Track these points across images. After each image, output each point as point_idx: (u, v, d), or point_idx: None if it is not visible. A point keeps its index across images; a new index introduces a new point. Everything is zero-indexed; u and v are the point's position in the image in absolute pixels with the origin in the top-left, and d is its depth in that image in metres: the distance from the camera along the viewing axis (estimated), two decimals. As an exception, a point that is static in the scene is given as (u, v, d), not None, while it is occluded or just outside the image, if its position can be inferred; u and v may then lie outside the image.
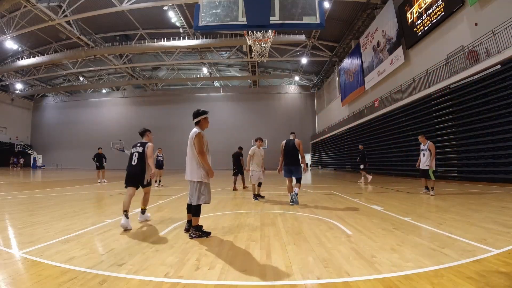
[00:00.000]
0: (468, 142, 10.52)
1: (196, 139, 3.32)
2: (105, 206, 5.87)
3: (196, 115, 3.52)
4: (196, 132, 3.35)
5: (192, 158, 3.37)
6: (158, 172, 10.74)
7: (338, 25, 22.31)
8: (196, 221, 3.35)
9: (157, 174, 10.67)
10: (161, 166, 10.89)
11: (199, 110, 3.55)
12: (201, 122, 3.50)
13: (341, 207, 5.38)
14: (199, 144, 3.30)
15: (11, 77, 31.40)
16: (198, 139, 3.31)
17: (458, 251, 2.63)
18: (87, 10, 19.86)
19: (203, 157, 3.30)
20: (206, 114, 3.55)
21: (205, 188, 3.35)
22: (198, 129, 3.43)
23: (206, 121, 3.56)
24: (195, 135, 3.35)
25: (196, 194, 3.33)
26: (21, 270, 2.30)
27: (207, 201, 3.36)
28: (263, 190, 7.50)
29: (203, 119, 3.51)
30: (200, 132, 3.36)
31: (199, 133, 3.35)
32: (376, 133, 17.93)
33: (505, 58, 8.80)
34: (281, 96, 37.64)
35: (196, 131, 3.39)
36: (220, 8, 3.23)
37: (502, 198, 6.20)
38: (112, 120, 38.63)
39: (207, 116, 3.57)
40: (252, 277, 2.13)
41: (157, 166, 10.69)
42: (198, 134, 3.33)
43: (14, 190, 8.89)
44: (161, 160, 10.98)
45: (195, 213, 3.34)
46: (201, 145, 3.30)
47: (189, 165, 3.39)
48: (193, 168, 3.35)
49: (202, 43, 23.53)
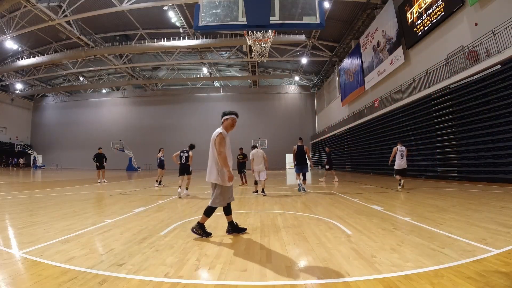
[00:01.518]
0: (468, 142, 10.51)
1: (217, 139, 3.27)
2: (105, 206, 5.87)
3: (222, 115, 3.48)
4: (218, 133, 3.30)
5: (212, 159, 3.34)
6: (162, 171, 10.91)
7: (338, 25, 22.30)
8: (203, 220, 3.33)
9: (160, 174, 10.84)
10: (162, 166, 10.96)
11: (228, 111, 3.49)
12: (225, 122, 3.44)
13: (341, 207, 5.38)
14: (219, 144, 3.25)
15: (11, 77, 31.40)
16: (219, 140, 3.26)
17: (458, 251, 2.63)
18: (87, 10, 19.86)
19: (222, 158, 3.23)
20: (233, 115, 3.46)
21: (218, 191, 3.31)
22: (221, 129, 3.37)
23: (232, 122, 3.45)
24: (216, 135, 3.30)
25: (212, 196, 3.34)
26: (21, 270, 2.30)
27: (219, 204, 3.32)
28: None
29: (225, 120, 3.44)
30: (221, 132, 3.30)
31: (221, 133, 3.29)
32: (376, 133, 17.92)
33: (505, 58, 8.80)
34: (281, 96, 37.65)
35: (218, 131, 3.34)
36: (220, 8, 3.23)
37: (502, 198, 6.19)
38: (112, 120, 38.63)
39: (234, 117, 3.46)
40: (252, 277, 2.13)
41: (159, 166, 10.87)
42: (220, 135, 3.28)
43: (14, 190, 8.90)
44: (163, 160, 11.08)
45: (206, 213, 3.32)
46: (221, 146, 3.24)
47: (209, 166, 3.36)
48: (212, 169, 3.32)
49: (202, 43, 23.53)
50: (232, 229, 3.46)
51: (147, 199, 6.78)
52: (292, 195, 7.49)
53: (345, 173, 20.61)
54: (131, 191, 8.82)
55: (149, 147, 36.14)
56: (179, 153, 7.97)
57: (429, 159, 12.85)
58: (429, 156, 12.89)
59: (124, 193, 8.34)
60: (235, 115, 3.49)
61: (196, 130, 36.36)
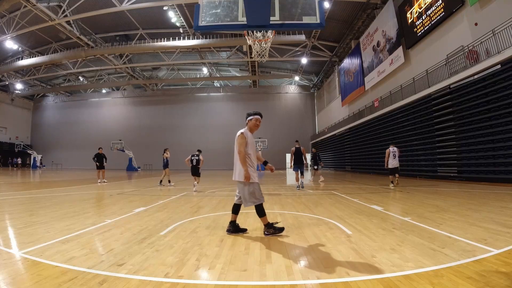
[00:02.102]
0: (468, 142, 10.52)
1: (238, 139, 3.34)
2: (105, 206, 5.87)
3: (247, 116, 3.54)
4: (240, 133, 3.37)
5: (235, 158, 3.41)
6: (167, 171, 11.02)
7: (338, 25, 22.31)
8: (264, 220, 3.36)
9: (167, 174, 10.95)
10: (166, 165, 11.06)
11: (251, 111, 3.56)
12: (250, 123, 3.50)
13: (341, 207, 5.38)
14: (239, 144, 3.32)
15: (11, 77, 31.40)
16: (240, 139, 3.33)
17: (458, 251, 2.63)
18: (87, 10, 19.87)
19: (242, 158, 3.30)
20: (257, 115, 3.51)
21: (253, 188, 3.32)
22: (244, 129, 3.44)
23: (256, 122, 3.50)
24: (238, 135, 3.37)
25: (242, 196, 3.36)
26: (21, 270, 2.30)
27: (257, 202, 3.33)
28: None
29: (250, 120, 3.49)
30: (243, 132, 3.37)
31: (242, 133, 3.36)
32: (376, 133, 17.93)
33: (505, 58, 8.80)
34: (281, 96, 37.66)
35: (240, 131, 3.40)
36: (220, 8, 3.23)
37: (502, 198, 6.19)
38: (112, 120, 38.65)
39: (258, 117, 3.51)
40: (252, 277, 2.13)
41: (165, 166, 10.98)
42: (241, 135, 3.35)
43: (14, 190, 8.90)
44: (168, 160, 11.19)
45: (258, 214, 3.35)
46: (241, 145, 3.31)
47: (235, 165, 3.42)
48: (237, 169, 3.36)
49: (202, 43, 23.54)
50: (233, 229, 3.47)
51: (147, 199, 6.78)
52: (292, 195, 7.49)
53: (345, 173, 20.61)
54: (131, 191, 8.83)
55: (149, 147, 36.19)
56: (190, 157, 8.94)
57: (429, 159, 12.86)
58: (429, 156, 12.89)
59: (124, 193, 8.34)
60: (259, 115, 3.54)
61: (196, 130, 36.40)
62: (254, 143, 3.52)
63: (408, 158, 14.53)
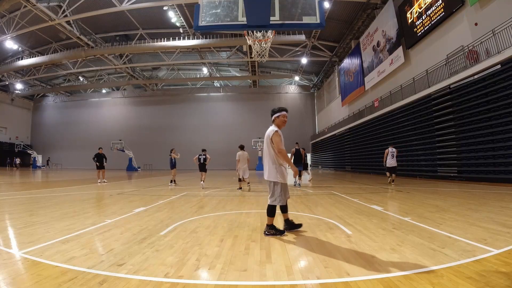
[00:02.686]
0: (468, 142, 10.52)
1: (274, 137, 3.30)
2: (105, 206, 5.87)
3: (272, 113, 3.50)
4: (273, 131, 3.33)
5: (269, 158, 3.36)
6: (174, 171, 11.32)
7: (338, 25, 22.31)
8: (270, 221, 3.37)
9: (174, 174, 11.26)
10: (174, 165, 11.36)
11: (276, 108, 3.51)
12: (277, 120, 3.46)
13: (341, 207, 5.38)
14: (277, 142, 3.28)
15: (11, 77, 31.40)
16: (276, 137, 3.29)
17: (458, 251, 2.63)
18: (87, 10, 19.86)
19: (283, 155, 3.28)
20: (283, 111, 3.48)
21: (279, 189, 3.32)
22: (275, 127, 3.40)
23: (283, 118, 3.47)
24: (272, 134, 3.31)
25: (270, 194, 3.37)
26: (21, 270, 2.30)
27: (280, 202, 3.33)
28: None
29: (277, 117, 3.46)
30: (277, 130, 3.34)
31: (277, 131, 3.33)
32: (376, 133, 17.93)
33: (505, 58, 8.80)
34: (281, 96, 37.64)
35: (273, 129, 3.36)
36: (220, 8, 3.23)
37: (502, 198, 6.19)
38: (112, 120, 38.64)
39: (285, 113, 3.48)
40: (252, 277, 2.13)
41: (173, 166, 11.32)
42: (276, 133, 3.31)
43: (14, 190, 8.90)
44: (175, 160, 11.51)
45: (269, 213, 3.35)
46: (278, 143, 3.28)
47: (266, 164, 3.39)
48: (270, 168, 3.34)
49: (202, 43, 23.53)
50: (288, 227, 3.48)
51: (147, 199, 6.78)
52: (292, 195, 7.49)
53: (345, 173, 20.61)
54: (131, 191, 8.83)
55: (149, 147, 36.18)
56: (198, 156, 9.82)
57: (429, 159, 12.86)
58: (429, 156, 12.89)
59: (124, 193, 8.34)
60: (285, 110, 3.51)
61: (196, 130, 36.39)
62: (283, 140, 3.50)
63: (408, 158, 14.53)
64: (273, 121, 3.49)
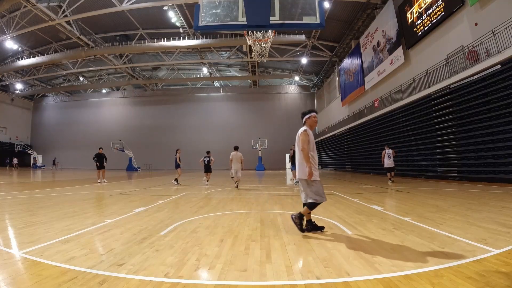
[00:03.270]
0: (468, 142, 10.52)
1: (301, 136, 3.41)
2: (105, 206, 5.87)
3: (303, 115, 3.63)
4: (303, 130, 3.44)
5: (299, 156, 3.46)
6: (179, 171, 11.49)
7: (338, 25, 22.30)
8: (305, 212, 3.42)
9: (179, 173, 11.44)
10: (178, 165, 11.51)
11: (305, 110, 3.64)
12: (308, 121, 3.56)
13: (341, 207, 5.38)
14: (302, 141, 3.38)
15: (11, 77, 31.40)
16: (303, 136, 3.39)
17: (458, 251, 2.64)
18: (87, 10, 19.86)
19: (305, 154, 3.35)
20: (312, 112, 3.60)
21: (314, 187, 3.36)
22: (305, 127, 3.51)
23: (314, 119, 3.59)
24: (301, 133, 3.43)
25: (304, 193, 3.41)
26: (21, 270, 2.30)
27: (318, 200, 3.35)
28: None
29: (308, 119, 3.56)
30: (306, 130, 3.44)
31: (305, 130, 3.43)
32: (376, 133, 17.93)
33: (505, 58, 8.80)
34: (281, 96, 37.66)
35: (303, 128, 3.48)
36: (220, 8, 3.23)
37: (502, 198, 6.19)
38: (112, 120, 38.65)
39: (314, 114, 3.60)
40: (252, 277, 2.13)
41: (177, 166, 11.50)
42: (304, 132, 3.42)
43: (14, 190, 8.90)
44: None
45: (310, 206, 3.39)
46: (304, 143, 3.37)
47: (298, 163, 3.48)
48: (302, 166, 3.40)
49: (202, 43, 23.53)
50: (310, 227, 3.51)
51: (147, 199, 6.78)
52: (292, 195, 7.49)
53: (345, 173, 20.61)
54: (131, 191, 8.83)
55: (149, 147, 36.19)
56: (203, 158, 10.88)
57: (429, 159, 12.86)
58: (429, 156, 12.89)
59: (124, 193, 8.34)
60: (315, 111, 3.64)
61: (196, 130, 36.39)
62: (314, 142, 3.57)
63: (408, 158, 14.53)
64: (305, 123, 3.60)
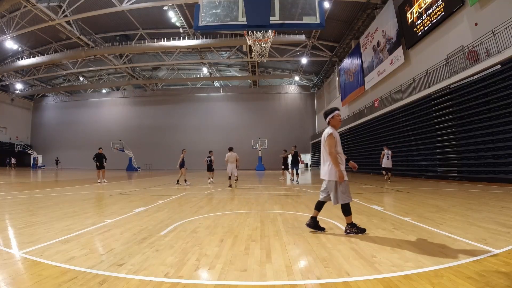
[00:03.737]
0: (468, 142, 10.52)
1: (328, 139, 3.35)
2: (105, 206, 5.87)
3: (325, 115, 3.54)
4: (328, 133, 3.38)
5: (325, 157, 3.43)
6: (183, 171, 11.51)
7: (338, 25, 22.31)
8: (349, 219, 3.38)
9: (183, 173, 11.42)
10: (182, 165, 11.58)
11: (328, 110, 3.55)
12: (332, 121, 3.50)
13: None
14: (329, 145, 3.33)
15: (11, 77, 31.40)
16: (330, 140, 3.34)
17: (458, 251, 2.63)
18: (87, 10, 19.86)
19: (333, 158, 3.31)
20: (336, 111, 3.51)
21: (343, 187, 3.33)
22: (331, 129, 3.44)
23: (338, 118, 3.51)
24: (327, 136, 3.37)
25: (334, 194, 3.36)
26: (21, 270, 2.30)
27: (348, 200, 3.34)
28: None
29: (332, 118, 3.49)
30: (332, 133, 3.37)
31: (331, 133, 3.36)
32: (376, 133, 17.93)
33: (505, 58, 8.80)
34: (281, 96, 37.66)
35: (328, 131, 3.41)
36: (220, 8, 3.23)
37: (502, 198, 6.19)
38: (112, 120, 38.65)
39: (338, 113, 3.51)
40: (252, 277, 2.13)
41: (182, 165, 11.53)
42: (330, 135, 3.35)
43: (14, 190, 8.90)
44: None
45: (344, 212, 3.37)
46: (331, 147, 3.33)
47: (324, 165, 3.44)
48: (330, 168, 3.36)
49: (202, 43, 23.54)
50: (313, 224, 3.51)
51: (147, 199, 6.78)
52: (292, 195, 7.49)
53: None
54: (131, 191, 8.83)
55: (149, 147, 36.18)
56: (206, 158, 11.90)
57: (429, 159, 12.86)
58: (429, 156, 12.89)
59: (124, 193, 8.34)
60: (337, 109, 3.55)
61: (196, 130, 36.39)
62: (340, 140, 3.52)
63: (408, 158, 14.53)
64: (329, 123, 3.53)
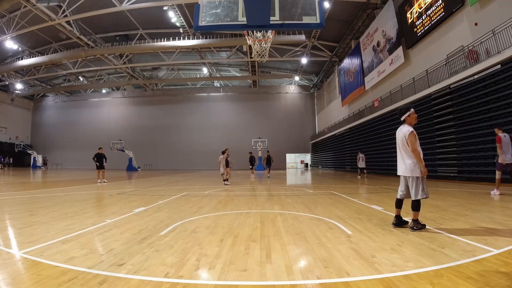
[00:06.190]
0: (468, 142, 10.51)
1: (410, 137, 3.43)
2: (105, 206, 5.87)
3: (400, 113, 3.63)
4: (409, 131, 3.45)
5: (408, 155, 3.49)
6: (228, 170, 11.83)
7: (338, 25, 22.31)
8: (416, 216, 3.46)
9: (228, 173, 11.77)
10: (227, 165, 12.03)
11: (403, 107, 3.64)
12: (408, 119, 3.58)
13: (341, 207, 5.38)
14: (411, 143, 3.41)
15: (11, 77, 31.41)
16: (412, 138, 3.42)
17: (458, 251, 2.64)
18: (87, 10, 19.87)
19: (417, 155, 3.41)
20: (410, 109, 3.60)
21: (422, 183, 3.43)
22: (409, 126, 3.52)
23: (414, 115, 3.60)
24: (408, 134, 3.44)
25: (414, 190, 3.45)
26: (21, 270, 2.30)
27: (426, 195, 3.42)
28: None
29: (408, 116, 3.57)
30: (412, 131, 3.46)
31: (412, 131, 3.45)
32: (376, 133, 17.93)
33: (505, 58, 8.80)
34: (281, 96, 37.67)
35: (409, 129, 3.48)
36: (220, 8, 3.23)
37: (502, 198, 6.19)
38: (112, 120, 38.66)
39: (413, 110, 3.60)
40: (252, 277, 2.13)
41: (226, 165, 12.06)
42: (412, 133, 3.43)
43: (14, 190, 8.90)
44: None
45: (415, 208, 3.45)
46: (414, 144, 3.41)
47: (403, 162, 3.52)
48: (410, 165, 3.45)
49: (202, 43, 23.54)
50: (398, 223, 3.62)
51: (147, 199, 6.78)
52: (292, 195, 7.49)
53: (345, 173, 20.61)
54: (131, 191, 8.83)
55: (149, 147, 36.17)
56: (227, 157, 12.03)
57: (429, 159, 12.84)
58: (429, 156, 12.88)
59: (124, 193, 8.34)
60: (412, 107, 3.65)
61: (196, 130, 36.41)
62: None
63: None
64: (404, 120, 3.60)
